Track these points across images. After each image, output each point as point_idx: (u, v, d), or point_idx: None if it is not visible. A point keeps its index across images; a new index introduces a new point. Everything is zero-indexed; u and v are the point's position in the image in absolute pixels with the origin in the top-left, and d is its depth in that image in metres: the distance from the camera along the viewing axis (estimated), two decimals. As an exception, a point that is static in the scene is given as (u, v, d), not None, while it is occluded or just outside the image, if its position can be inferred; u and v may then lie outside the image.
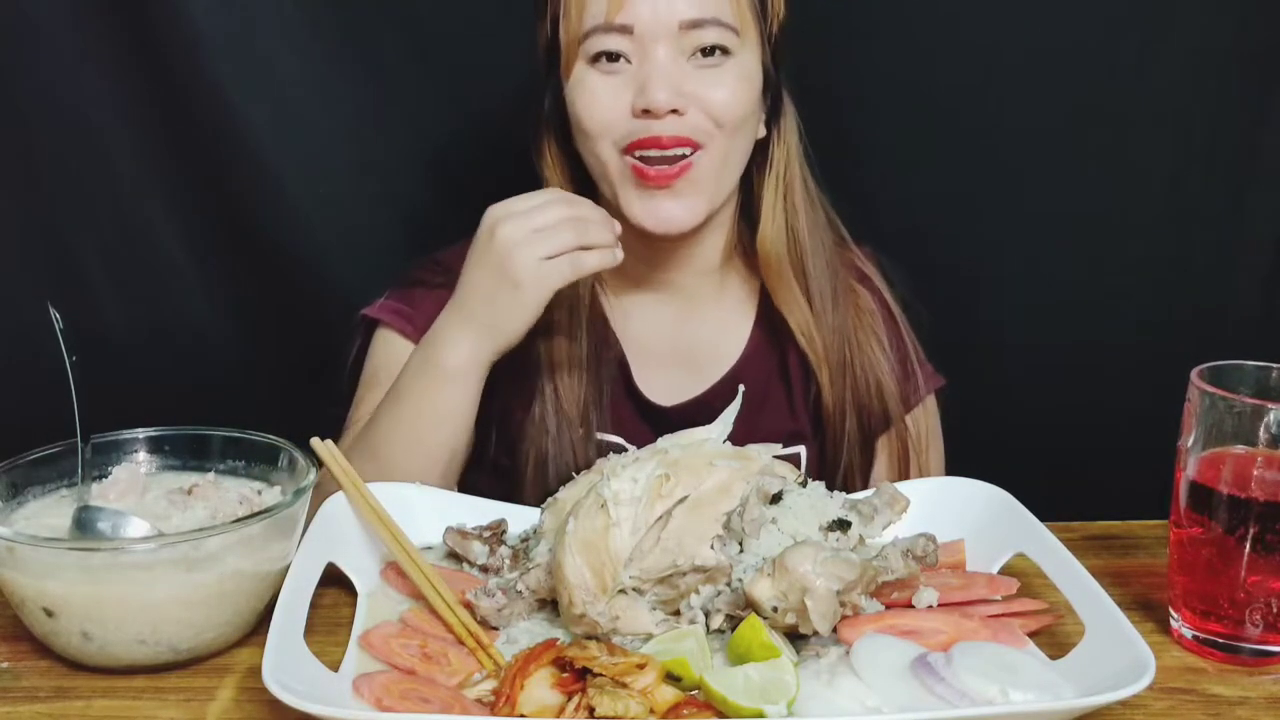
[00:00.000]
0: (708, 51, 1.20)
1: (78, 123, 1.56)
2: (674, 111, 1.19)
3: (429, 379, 1.17)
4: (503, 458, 1.31)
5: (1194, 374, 0.96)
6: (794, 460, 1.34)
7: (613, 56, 1.20)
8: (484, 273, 1.14)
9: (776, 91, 1.29)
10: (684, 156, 1.20)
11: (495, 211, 1.14)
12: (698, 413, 1.30)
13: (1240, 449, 0.93)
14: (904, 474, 1.36)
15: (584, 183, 1.30)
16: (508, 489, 1.23)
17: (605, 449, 1.27)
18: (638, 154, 1.21)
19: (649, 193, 1.22)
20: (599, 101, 1.21)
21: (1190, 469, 0.95)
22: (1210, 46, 1.61)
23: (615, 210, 1.23)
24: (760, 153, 1.30)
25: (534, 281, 1.12)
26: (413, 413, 1.18)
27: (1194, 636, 0.97)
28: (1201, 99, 1.63)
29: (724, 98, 1.20)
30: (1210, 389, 0.94)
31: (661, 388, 1.36)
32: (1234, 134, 1.64)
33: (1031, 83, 1.61)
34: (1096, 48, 1.60)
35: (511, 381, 1.25)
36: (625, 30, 1.18)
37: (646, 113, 1.19)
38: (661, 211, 1.23)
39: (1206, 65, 1.61)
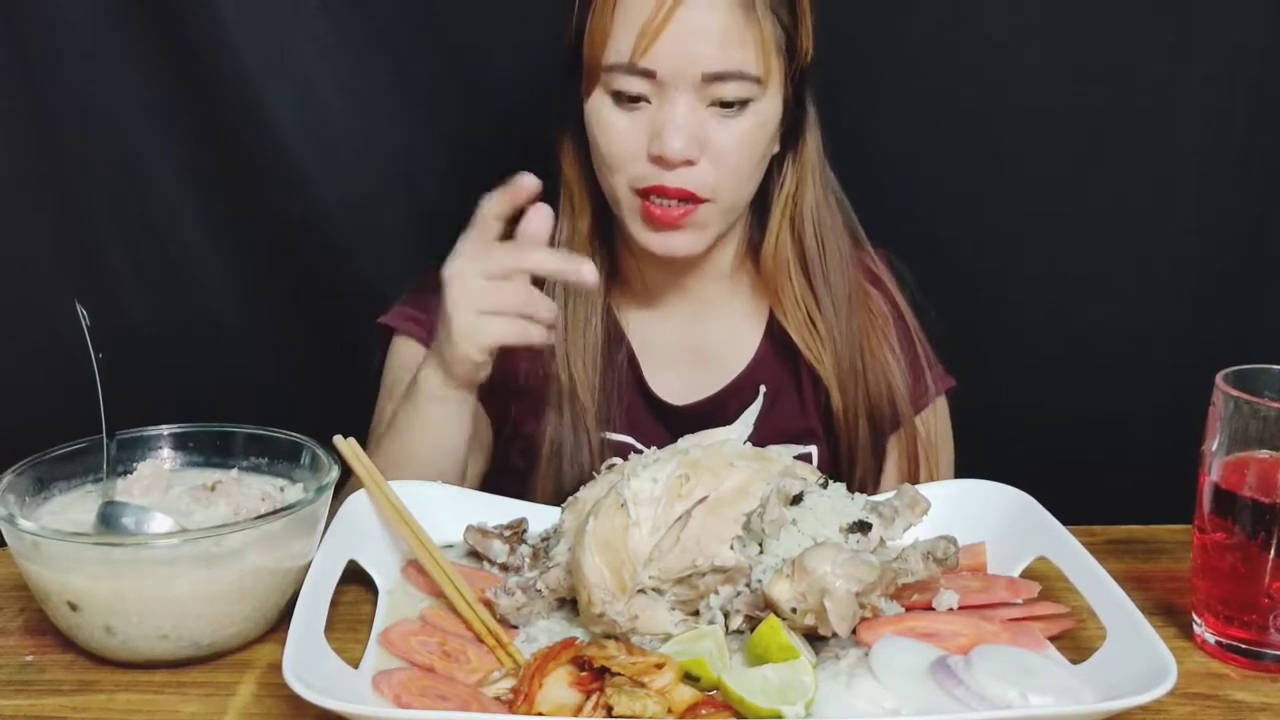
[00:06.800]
0: (728, 102, 1.18)
1: (106, 122, 1.57)
2: (686, 161, 1.18)
3: (413, 401, 1.16)
4: (516, 456, 1.31)
5: (1219, 377, 0.95)
6: (805, 459, 1.34)
7: (633, 97, 1.18)
8: (443, 305, 1.10)
9: (796, 115, 1.27)
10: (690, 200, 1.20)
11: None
12: (711, 413, 1.30)
13: (1265, 454, 0.92)
14: (913, 476, 1.35)
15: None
16: (521, 487, 1.23)
17: (618, 449, 1.27)
18: (647, 196, 1.21)
19: (656, 229, 1.22)
20: (617, 138, 1.20)
21: (1214, 473, 0.94)
22: (1242, 43, 1.59)
23: (622, 229, 1.22)
24: (776, 165, 1.29)
25: (466, 334, 1.08)
26: (403, 432, 1.18)
27: (1217, 642, 0.96)
28: (1232, 100, 1.61)
29: (736, 150, 1.19)
30: (1235, 393, 0.93)
31: (673, 388, 1.35)
32: (1262, 134, 1.63)
33: (1055, 83, 1.59)
34: (1122, 47, 1.59)
35: (524, 378, 1.25)
36: (648, 75, 1.16)
37: (660, 159, 1.18)
38: (666, 241, 1.23)
39: (1238, 62, 1.59)
